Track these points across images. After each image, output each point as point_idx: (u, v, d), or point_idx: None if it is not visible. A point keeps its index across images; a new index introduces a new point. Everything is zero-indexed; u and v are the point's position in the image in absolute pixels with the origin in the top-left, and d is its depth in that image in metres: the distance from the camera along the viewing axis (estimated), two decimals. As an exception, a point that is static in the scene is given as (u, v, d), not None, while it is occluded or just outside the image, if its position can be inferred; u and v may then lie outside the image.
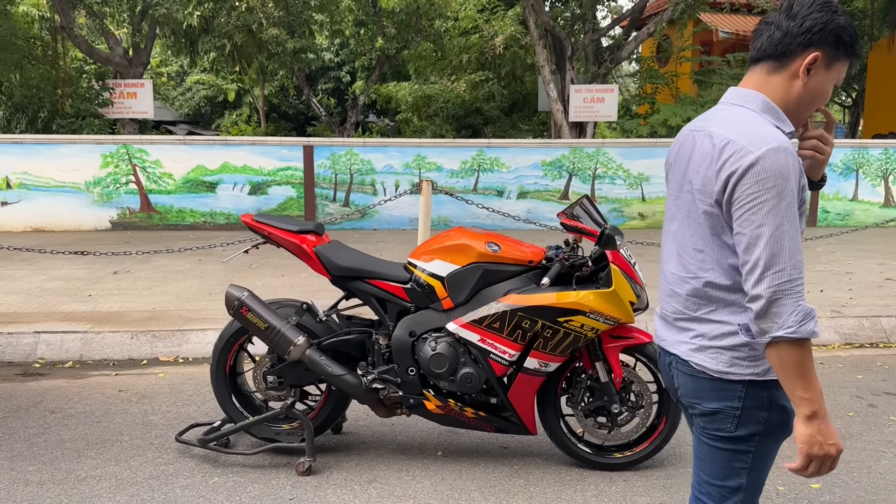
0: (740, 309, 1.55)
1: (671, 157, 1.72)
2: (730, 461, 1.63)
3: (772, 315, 1.43)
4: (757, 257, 1.44)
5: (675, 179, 1.68)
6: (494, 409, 3.02)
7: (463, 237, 2.96)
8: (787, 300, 1.42)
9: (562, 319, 2.78)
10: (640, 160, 10.56)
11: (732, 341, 1.57)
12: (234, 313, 3.00)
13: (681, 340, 1.66)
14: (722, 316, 1.58)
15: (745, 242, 1.46)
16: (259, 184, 10.44)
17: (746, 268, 1.46)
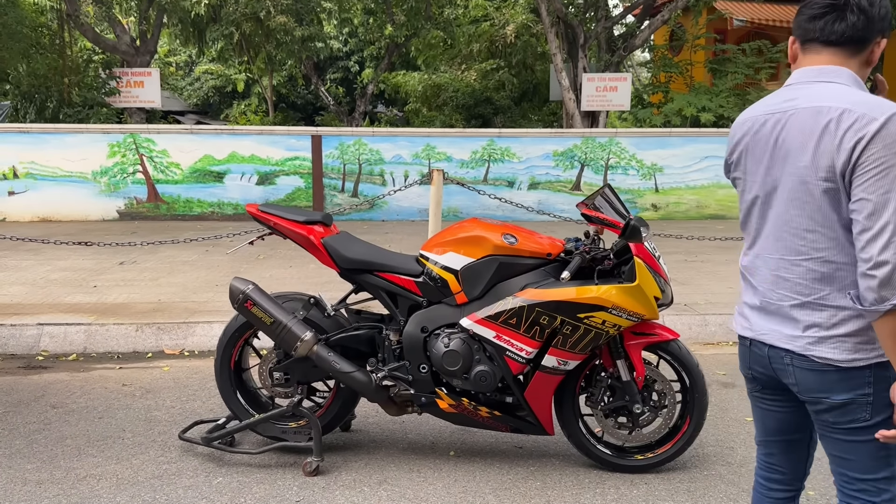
0: (855, 287, 1.51)
1: (744, 144, 1.68)
2: (875, 451, 1.57)
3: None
4: (885, 223, 1.42)
5: (759, 164, 1.64)
6: (510, 409, 2.89)
7: (478, 229, 2.82)
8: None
9: (582, 315, 2.64)
10: (654, 150, 10.37)
11: (851, 327, 1.53)
12: (238, 307, 2.88)
13: (793, 335, 1.60)
14: (837, 300, 1.54)
15: (869, 209, 1.43)
16: (267, 174, 10.32)
17: (869, 234, 1.43)
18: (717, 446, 3.21)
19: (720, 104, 11.19)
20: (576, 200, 10.29)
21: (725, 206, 10.43)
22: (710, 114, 11.00)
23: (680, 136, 10.44)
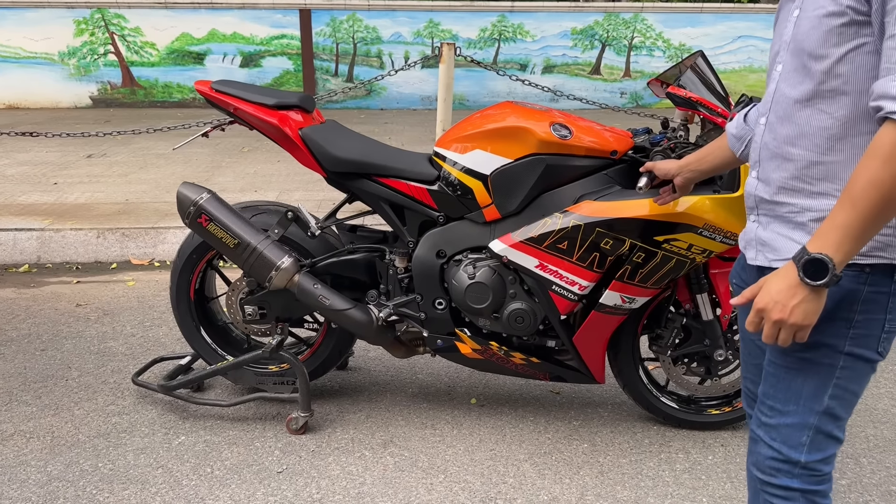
0: None
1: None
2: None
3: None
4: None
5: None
6: (550, 353, 2.23)
7: (515, 117, 2.04)
8: None
9: (661, 239, 1.92)
10: (683, 28, 9.27)
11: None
12: (190, 223, 2.15)
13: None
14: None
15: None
16: (251, 54, 9.28)
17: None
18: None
19: (760, -25, 9.95)
20: (594, 86, 9.38)
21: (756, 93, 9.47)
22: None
23: (713, 12, 9.29)
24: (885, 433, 2.34)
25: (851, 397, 1.22)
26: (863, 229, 1.04)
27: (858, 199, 1.02)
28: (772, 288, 1.11)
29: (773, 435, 1.26)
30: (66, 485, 2.06)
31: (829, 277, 1.05)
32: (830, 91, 1.12)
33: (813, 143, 1.15)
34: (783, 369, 1.23)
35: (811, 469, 1.24)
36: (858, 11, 1.06)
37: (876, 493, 2.05)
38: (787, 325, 1.10)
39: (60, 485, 2.06)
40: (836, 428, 1.23)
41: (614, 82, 9.35)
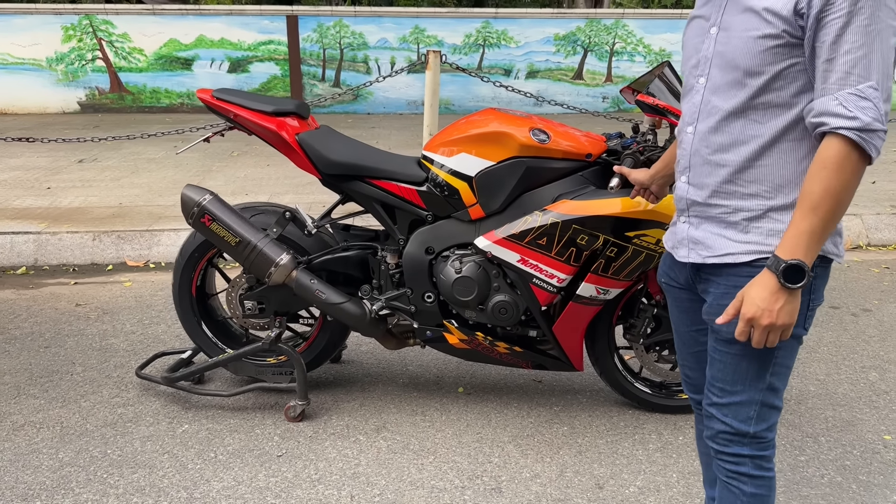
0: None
1: None
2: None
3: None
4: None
5: None
6: (532, 343, 2.39)
7: (497, 122, 2.20)
8: None
9: (632, 234, 2.09)
10: (663, 34, 9.51)
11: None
12: (193, 223, 2.29)
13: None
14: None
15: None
16: (239, 60, 9.40)
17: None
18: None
19: (737, -18, 10.19)
20: (577, 90, 9.59)
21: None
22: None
23: (692, 18, 9.53)
24: (843, 415, 2.52)
25: (786, 371, 1.38)
26: (823, 232, 1.20)
27: (818, 207, 1.18)
28: (755, 298, 1.23)
29: (725, 412, 1.42)
30: (77, 470, 2.19)
31: (806, 279, 1.20)
32: (763, 104, 1.27)
33: (745, 150, 1.30)
34: (730, 356, 1.38)
35: (758, 438, 1.41)
36: (793, 35, 1.22)
37: (832, 468, 2.22)
38: (776, 327, 1.23)
39: (72, 470, 2.19)
40: (777, 399, 1.40)
41: (596, 87, 9.57)
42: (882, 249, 4.49)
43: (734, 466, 1.43)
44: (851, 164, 1.17)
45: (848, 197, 1.19)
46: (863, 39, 1.15)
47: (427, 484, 2.13)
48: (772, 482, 1.43)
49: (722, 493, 1.48)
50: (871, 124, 1.15)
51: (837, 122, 1.16)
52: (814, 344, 3.09)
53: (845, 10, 1.15)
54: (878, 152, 1.17)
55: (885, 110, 1.16)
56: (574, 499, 2.06)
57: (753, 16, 1.26)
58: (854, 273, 4.01)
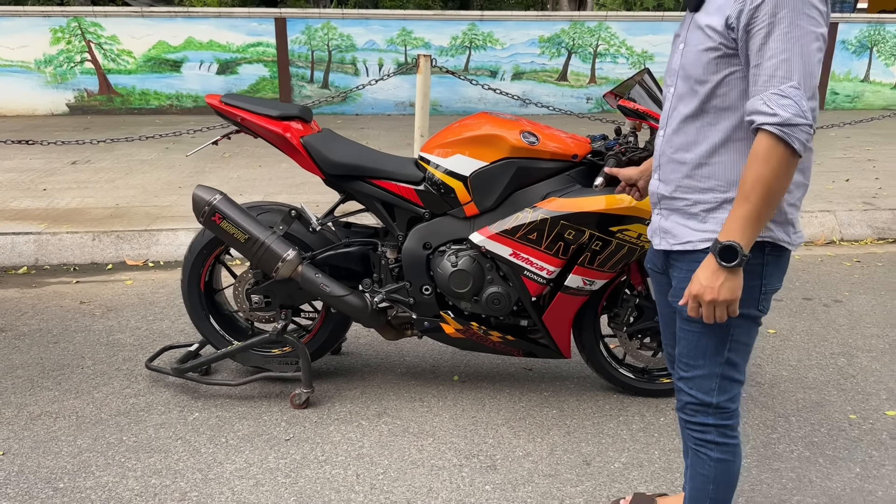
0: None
1: None
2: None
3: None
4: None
5: None
6: (523, 332, 2.56)
7: (490, 126, 2.36)
8: None
9: (615, 229, 2.26)
10: (645, 36, 9.71)
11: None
12: (204, 221, 2.42)
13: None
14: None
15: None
16: (228, 62, 9.49)
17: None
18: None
19: (716, -15, 10.43)
20: (561, 92, 9.77)
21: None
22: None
23: (673, 20, 9.76)
24: (812, 397, 2.71)
25: (745, 347, 1.55)
26: (757, 217, 1.36)
27: (750, 194, 1.35)
28: (699, 277, 1.42)
29: (690, 385, 1.59)
30: (96, 455, 2.32)
31: (740, 259, 1.36)
32: (713, 108, 1.44)
33: (701, 149, 1.48)
34: (692, 334, 1.55)
35: (721, 408, 1.58)
36: (728, 47, 1.39)
37: (801, 444, 2.40)
38: (718, 302, 1.40)
39: (91, 455, 2.31)
40: (737, 372, 1.56)
41: (580, 88, 9.76)
42: (854, 244, 4.70)
43: (701, 435, 1.61)
44: (778, 156, 1.32)
45: (778, 185, 1.34)
46: (784, 45, 1.31)
47: (427, 463, 2.28)
48: (736, 449, 1.60)
49: (693, 460, 1.65)
50: (792, 119, 1.30)
51: (762, 119, 1.33)
52: (787, 332, 3.27)
53: (767, 21, 1.31)
54: (803, 144, 1.32)
55: (808, 107, 1.31)
56: (564, 474, 2.22)
57: (700, 32, 1.44)
58: (827, 266, 4.21)
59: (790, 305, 3.59)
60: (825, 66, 9.97)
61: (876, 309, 3.55)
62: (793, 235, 1.49)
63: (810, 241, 4.70)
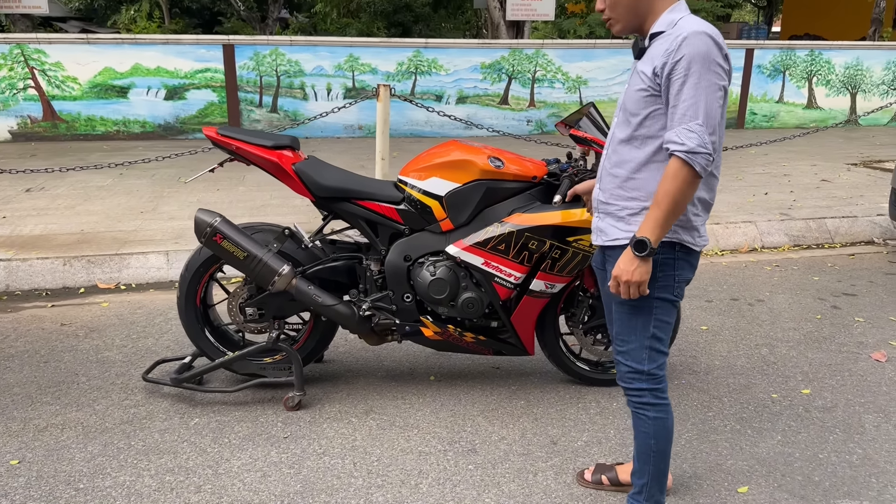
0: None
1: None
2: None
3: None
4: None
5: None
6: (493, 332, 2.89)
7: (461, 152, 2.70)
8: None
9: (571, 239, 2.63)
10: (579, 62, 10.33)
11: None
12: (205, 241, 2.67)
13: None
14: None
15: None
16: (176, 87, 9.58)
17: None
18: (682, 356, 3.37)
19: (642, 14, 11.18)
20: (503, 115, 10.27)
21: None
22: (633, 24, 10.99)
23: (604, 47, 10.42)
24: (740, 381, 3.13)
25: (666, 325, 1.95)
26: (665, 220, 1.77)
27: (661, 203, 1.75)
28: (620, 263, 1.83)
29: (626, 357, 1.98)
30: (109, 459, 2.51)
31: (648, 250, 1.77)
32: (640, 135, 1.85)
33: (629, 166, 1.88)
34: (624, 315, 1.95)
35: (652, 374, 1.97)
36: (654, 90, 1.80)
37: (733, 420, 2.81)
38: (632, 283, 1.81)
39: (104, 459, 2.51)
40: (661, 345, 1.97)
41: (521, 111, 10.28)
42: (773, 251, 5.25)
43: (638, 398, 2.00)
44: (683, 175, 1.74)
45: (682, 198, 1.75)
46: (693, 92, 1.73)
47: (415, 450, 2.58)
48: (668, 408, 2.02)
49: (635, 422, 2.03)
50: (695, 148, 1.72)
51: (674, 147, 1.74)
52: (718, 328, 3.72)
53: (682, 73, 1.73)
54: (703, 168, 1.73)
55: (708, 140, 1.73)
56: (535, 453, 2.56)
57: (637, 76, 1.86)
58: (750, 271, 4.72)
59: (719, 305, 4.05)
60: (745, 89, 10.81)
61: (793, 306, 4.05)
62: (697, 238, 1.91)
63: (735, 249, 5.22)
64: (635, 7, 1.84)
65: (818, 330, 3.70)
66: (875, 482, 2.40)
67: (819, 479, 2.41)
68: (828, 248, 5.31)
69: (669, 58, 1.74)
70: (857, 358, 3.36)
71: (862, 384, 3.10)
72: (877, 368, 3.25)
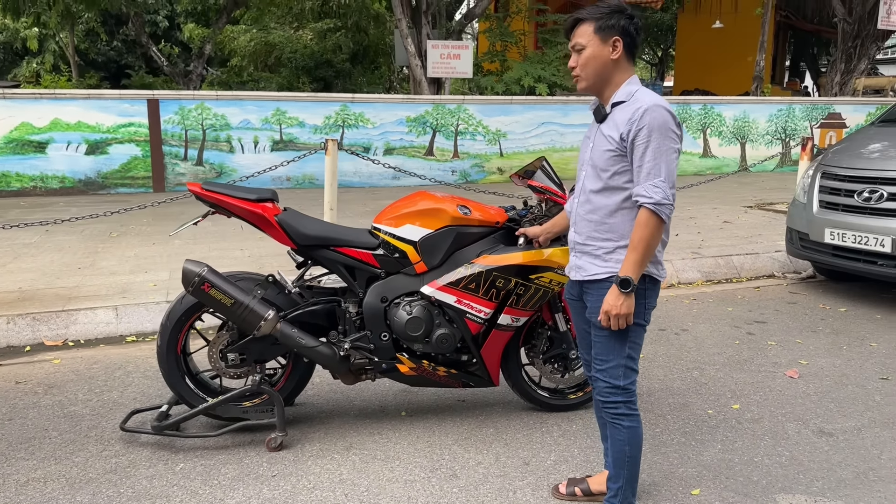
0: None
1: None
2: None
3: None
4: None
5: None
6: (464, 366, 3.13)
7: (432, 201, 2.98)
8: None
9: (533, 276, 2.93)
10: (498, 117, 10.95)
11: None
12: (193, 291, 2.80)
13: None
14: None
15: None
16: (97, 142, 9.45)
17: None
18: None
19: (552, 73, 12.03)
20: (429, 165, 10.70)
21: (560, 169, 11.34)
22: (544, 84, 11.81)
23: (521, 103, 11.11)
24: (679, 400, 3.51)
25: (637, 346, 2.30)
26: (642, 261, 2.12)
27: (637, 247, 2.11)
28: (608, 299, 2.16)
29: (604, 374, 2.30)
30: (100, 507, 2.55)
31: (632, 287, 2.11)
32: (609, 188, 2.21)
33: (601, 213, 2.24)
34: (604, 338, 2.27)
35: (626, 389, 2.29)
36: (621, 151, 2.18)
37: (678, 434, 3.15)
38: (620, 315, 2.14)
39: (95, 508, 2.54)
40: (634, 364, 2.30)
41: (445, 162, 10.74)
42: (689, 286, 5.78)
43: (614, 410, 2.31)
44: (653, 223, 2.11)
45: (654, 241, 2.12)
46: (655, 155, 2.11)
47: (400, 479, 2.76)
48: (638, 419, 2.34)
49: (611, 432, 2.33)
50: (661, 200, 2.10)
51: (643, 200, 2.12)
52: (652, 356, 4.11)
53: (645, 140, 2.12)
54: (668, 216, 2.11)
55: (670, 193, 2.12)
56: (511, 473, 2.80)
57: (604, 138, 2.23)
58: (672, 304, 5.20)
59: (650, 335, 4.46)
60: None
61: (713, 334, 4.52)
62: (661, 270, 2.28)
63: (657, 285, 5.72)
64: (601, 72, 2.22)
65: (738, 353, 4.16)
66: (803, 478, 2.78)
67: (757, 479, 2.77)
68: (736, 282, 5.91)
69: (633, 126, 2.12)
70: (774, 376, 3.82)
71: (781, 398, 3.53)
72: (792, 384, 3.71)
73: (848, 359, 4.06)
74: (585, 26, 2.21)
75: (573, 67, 2.25)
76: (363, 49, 17.87)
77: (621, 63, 2.22)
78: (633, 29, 2.20)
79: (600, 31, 2.19)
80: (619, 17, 2.19)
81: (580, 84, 2.27)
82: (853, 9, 14.74)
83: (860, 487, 2.71)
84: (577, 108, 11.23)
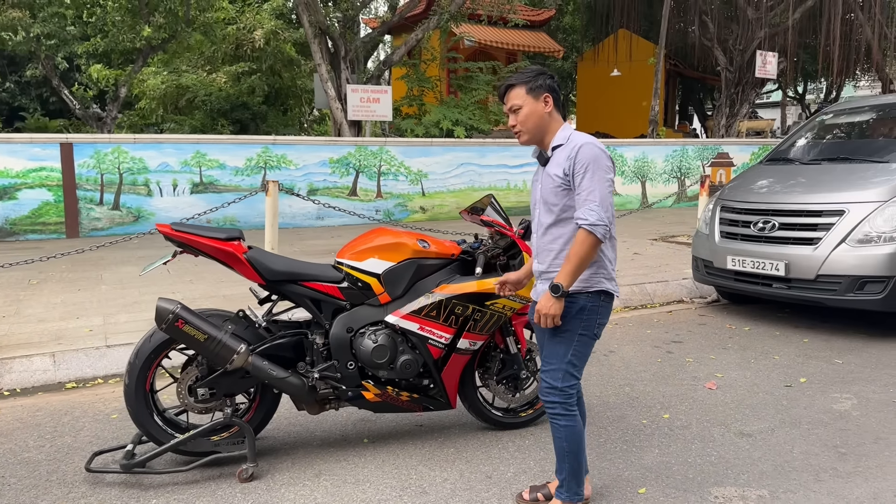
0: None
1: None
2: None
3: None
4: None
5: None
6: (425, 390, 3.33)
7: (393, 236, 3.21)
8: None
9: (488, 303, 3.20)
10: (419, 158, 11.33)
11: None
12: (167, 328, 2.88)
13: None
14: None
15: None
16: (6, 187, 9.10)
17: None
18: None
19: (469, 116, 12.59)
20: (353, 206, 10.89)
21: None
22: (462, 127, 12.35)
23: (440, 145, 11.55)
24: (615, 413, 3.84)
25: (582, 355, 2.62)
26: (574, 272, 2.45)
27: (571, 259, 2.44)
28: (542, 301, 2.50)
29: (547, 376, 2.60)
30: (78, 547, 2.56)
31: (561, 293, 2.44)
32: (563, 219, 2.55)
33: (559, 242, 2.56)
34: (550, 342, 2.59)
35: (563, 391, 2.59)
36: (566, 185, 2.52)
37: (619, 442, 3.47)
38: (548, 315, 2.47)
39: (73, 548, 2.55)
40: (576, 371, 2.62)
41: (369, 202, 10.96)
42: (610, 312, 6.23)
43: (553, 410, 2.62)
44: (589, 241, 2.44)
45: (587, 257, 2.45)
46: (590, 184, 2.46)
47: (373, 499, 2.91)
48: (576, 418, 2.64)
49: (552, 428, 2.66)
50: (595, 221, 2.44)
51: (580, 221, 2.45)
52: (587, 375, 4.45)
53: (581, 171, 2.47)
54: (602, 235, 2.43)
55: (605, 215, 2.44)
56: (476, 486, 3.01)
57: (549, 177, 2.57)
58: (598, 329, 5.60)
59: (583, 358, 4.82)
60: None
61: (638, 354, 4.93)
62: (615, 287, 2.59)
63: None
64: (539, 125, 2.58)
65: (662, 370, 4.57)
66: (731, 473, 3.15)
67: (693, 476, 3.12)
68: (650, 308, 6.42)
69: (571, 161, 2.47)
70: (695, 388, 4.24)
71: (704, 406, 3.94)
72: (711, 394, 4.14)
73: (756, 370, 4.56)
74: (518, 89, 2.59)
75: (514, 125, 2.60)
76: (275, 91, 17.96)
77: (553, 114, 2.61)
78: (556, 85, 2.63)
79: (531, 91, 2.58)
80: (545, 78, 2.61)
81: (522, 138, 2.63)
82: (734, 59, 16.30)
83: (778, 478, 3.10)
84: (494, 150, 11.80)
